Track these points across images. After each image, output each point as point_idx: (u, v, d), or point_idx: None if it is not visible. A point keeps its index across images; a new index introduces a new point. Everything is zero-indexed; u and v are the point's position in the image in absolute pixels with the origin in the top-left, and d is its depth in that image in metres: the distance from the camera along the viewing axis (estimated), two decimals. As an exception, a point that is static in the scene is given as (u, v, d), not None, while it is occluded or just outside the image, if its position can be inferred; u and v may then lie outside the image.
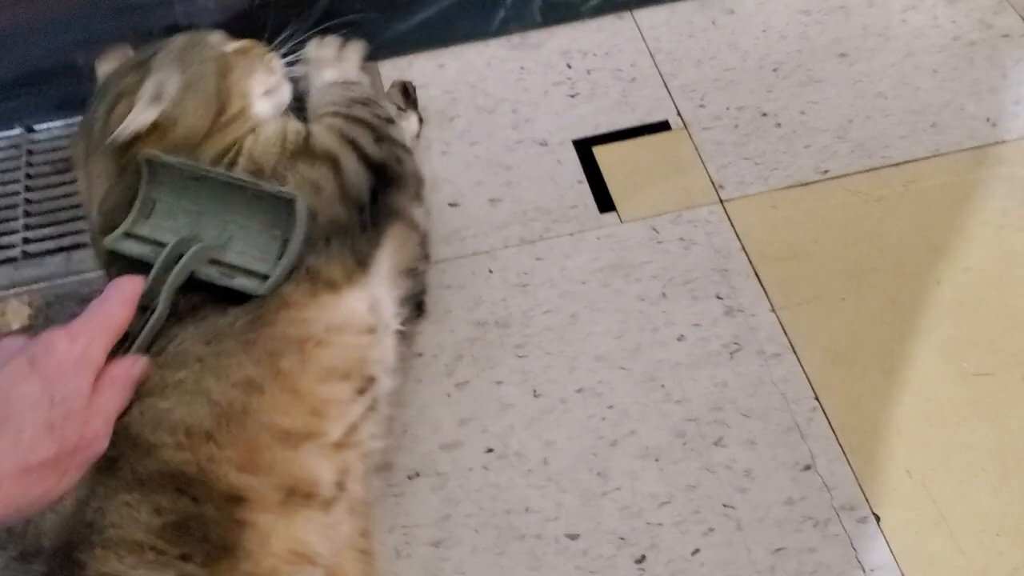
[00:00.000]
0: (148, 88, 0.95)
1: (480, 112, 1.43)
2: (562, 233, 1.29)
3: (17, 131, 1.41)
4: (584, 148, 1.38)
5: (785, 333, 1.18)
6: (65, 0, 1.30)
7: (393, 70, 1.49)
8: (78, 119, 1.40)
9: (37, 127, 1.42)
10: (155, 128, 0.95)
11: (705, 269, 1.24)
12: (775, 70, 1.46)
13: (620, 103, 1.43)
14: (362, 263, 0.95)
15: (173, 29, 1.36)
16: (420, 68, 1.49)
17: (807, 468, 1.07)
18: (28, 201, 1.34)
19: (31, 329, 1.23)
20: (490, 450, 1.10)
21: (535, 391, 1.15)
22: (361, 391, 0.90)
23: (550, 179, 1.35)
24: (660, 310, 1.21)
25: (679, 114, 1.41)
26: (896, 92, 1.42)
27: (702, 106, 1.42)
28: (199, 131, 0.97)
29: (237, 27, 1.37)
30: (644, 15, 1.54)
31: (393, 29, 1.44)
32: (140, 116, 0.94)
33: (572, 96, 1.45)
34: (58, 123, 1.42)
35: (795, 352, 1.16)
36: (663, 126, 1.40)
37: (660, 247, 1.27)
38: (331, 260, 0.92)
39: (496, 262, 1.27)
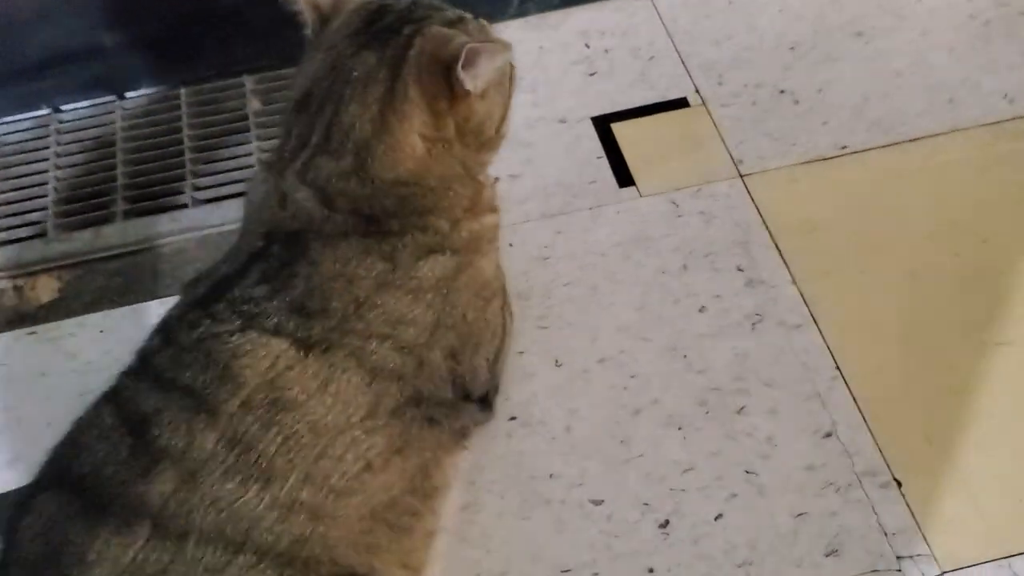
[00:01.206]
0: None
1: (500, 91, 1.44)
2: (582, 207, 1.30)
3: (45, 111, 1.43)
4: (603, 125, 1.39)
5: (806, 304, 1.19)
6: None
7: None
8: (105, 99, 1.44)
9: (64, 107, 1.44)
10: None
11: (726, 242, 1.25)
12: (792, 49, 1.47)
13: (638, 81, 1.44)
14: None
15: (198, 8, 1.38)
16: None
17: (828, 435, 1.08)
18: (57, 179, 1.36)
19: (61, 302, 1.25)
20: (513, 418, 1.11)
21: (557, 361, 1.16)
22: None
23: (569, 155, 1.36)
24: (681, 282, 1.22)
25: (697, 91, 1.42)
26: (913, 69, 1.43)
27: (720, 83, 1.43)
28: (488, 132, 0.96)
29: (261, 9, 1.39)
30: (662, -5, 1.56)
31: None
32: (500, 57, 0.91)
33: (591, 75, 1.46)
34: (85, 103, 1.44)
35: (816, 323, 1.17)
36: (681, 103, 1.41)
37: (680, 220, 1.28)
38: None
39: (517, 236, 1.28)
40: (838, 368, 1.13)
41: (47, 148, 1.39)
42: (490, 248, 0.97)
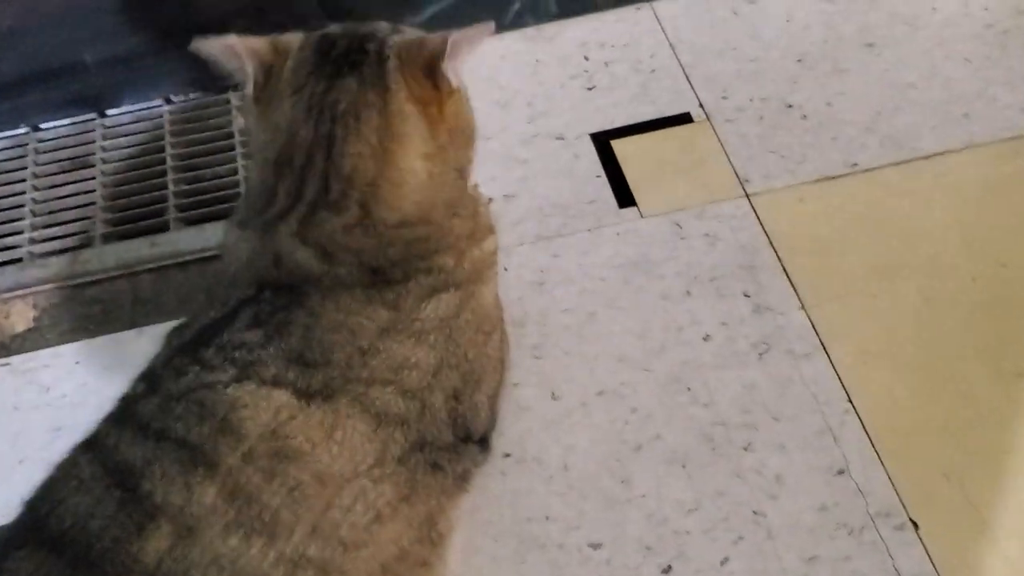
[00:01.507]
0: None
1: (495, 106, 1.39)
2: (580, 229, 1.25)
3: (23, 130, 1.38)
4: (602, 142, 1.34)
5: (816, 332, 1.13)
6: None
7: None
8: (85, 117, 1.38)
9: (43, 125, 1.39)
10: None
11: (731, 266, 1.19)
12: (799, 60, 1.41)
13: (639, 95, 1.39)
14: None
15: (180, 23, 1.33)
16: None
17: (840, 472, 1.02)
18: (34, 201, 1.31)
19: (36, 331, 1.20)
20: (508, 455, 1.06)
21: (553, 393, 1.10)
22: None
23: (567, 174, 1.31)
24: (684, 308, 1.16)
25: (701, 106, 1.37)
26: (926, 82, 1.37)
27: (725, 97, 1.37)
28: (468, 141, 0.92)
29: (243, 23, 1.34)
30: (663, 5, 1.50)
31: (405, 23, 1.39)
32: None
33: (589, 89, 1.41)
34: (65, 121, 1.39)
35: (826, 352, 1.11)
36: (684, 118, 1.35)
37: (683, 243, 1.22)
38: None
39: (511, 259, 1.22)
40: (850, 400, 1.07)
41: (24, 168, 1.34)
42: (491, 275, 0.93)
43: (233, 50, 0.83)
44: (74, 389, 1.13)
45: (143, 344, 1.16)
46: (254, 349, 0.78)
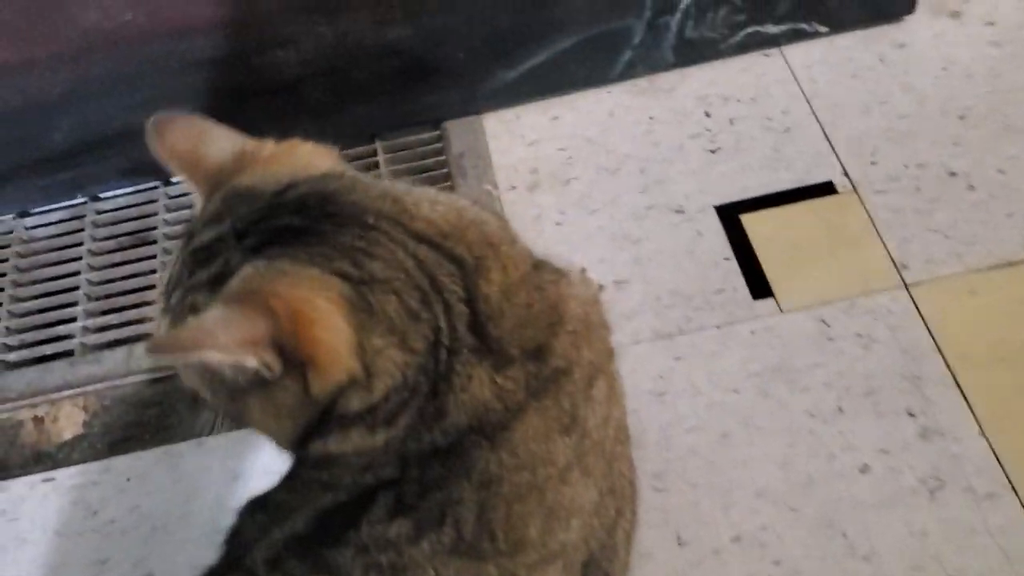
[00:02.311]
0: None
1: (601, 172, 1.21)
2: (706, 325, 1.06)
3: (81, 200, 1.26)
4: (730, 216, 1.15)
5: (1000, 465, 0.92)
6: (130, 56, 1.12)
7: (498, 124, 1.28)
8: (148, 185, 1.25)
9: (103, 195, 1.26)
10: None
11: (890, 375, 0.99)
12: (962, 117, 1.20)
13: (772, 160, 1.19)
14: None
15: (245, 87, 1.19)
16: (530, 121, 1.28)
17: (1045, 657, 0.81)
18: (90, 283, 1.18)
19: (85, 439, 1.06)
20: (625, 615, 0.87)
21: (679, 537, 0.92)
22: None
23: (689, 255, 1.12)
24: (836, 430, 0.97)
25: (845, 173, 1.17)
26: (1120, 143, 1.14)
27: (873, 163, 1.17)
28: None
29: (321, 85, 1.20)
30: (796, 52, 1.30)
31: (498, 78, 1.24)
32: None
33: (712, 151, 1.22)
34: (124, 190, 1.26)
35: (1016, 491, 0.90)
36: (826, 188, 1.16)
37: (831, 345, 1.02)
38: None
39: (625, 362, 1.03)
40: (1052, 559, 0.86)
41: (80, 244, 1.21)
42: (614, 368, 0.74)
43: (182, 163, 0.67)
44: (124, 513, 0.99)
45: (203, 458, 1.02)
46: (403, 548, 0.60)
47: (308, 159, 0.66)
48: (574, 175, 1.22)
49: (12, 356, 1.12)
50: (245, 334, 0.56)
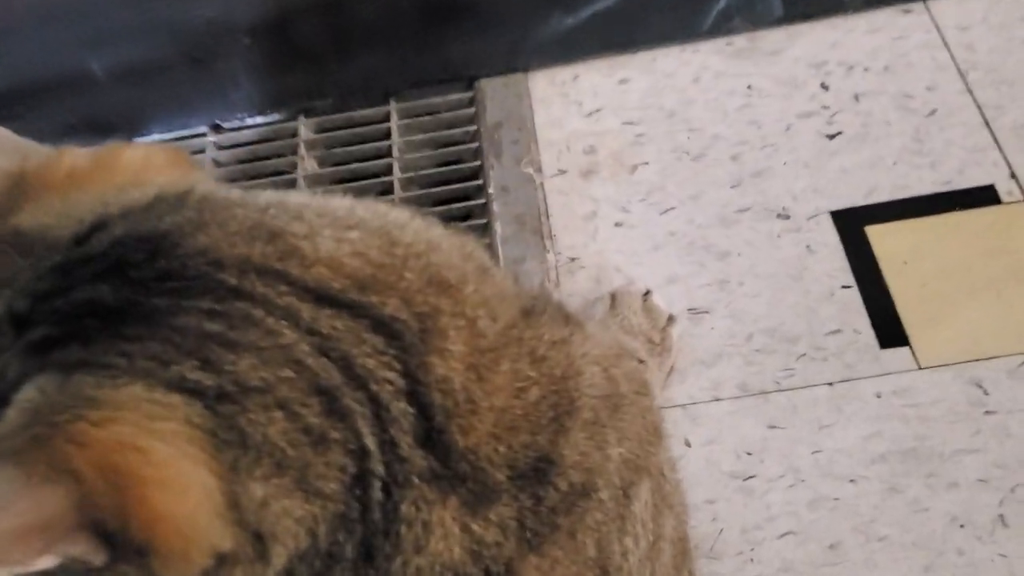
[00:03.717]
0: None
1: (681, 158, 0.93)
2: (815, 381, 0.78)
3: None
4: (851, 227, 0.87)
5: None
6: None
7: (549, 86, 0.99)
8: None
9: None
10: None
11: (1080, 473, 0.70)
12: None
13: (911, 152, 0.90)
14: None
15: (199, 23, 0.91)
16: (590, 84, 1.00)
17: None
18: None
19: None
20: None
21: None
22: None
23: (794, 280, 0.84)
24: (995, 551, 0.69)
25: (1013, 176, 0.87)
26: None
27: (1055, 164, 0.86)
28: None
29: (319, 23, 0.92)
30: (947, 7, 0.99)
31: (552, 24, 0.98)
32: None
33: (830, 137, 0.92)
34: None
35: None
36: (986, 195, 0.88)
37: (990, 421, 0.74)
38: None
39: (698, 426, 0.77)
40: None
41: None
42: None
43: None
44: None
45: None
46: None
47: (136, 174, 0.41)
48: (644, 159, 0.93)
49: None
50: (29, 518, 0.34)
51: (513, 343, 0.42)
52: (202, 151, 1.00)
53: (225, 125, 1.01)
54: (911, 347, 0.78)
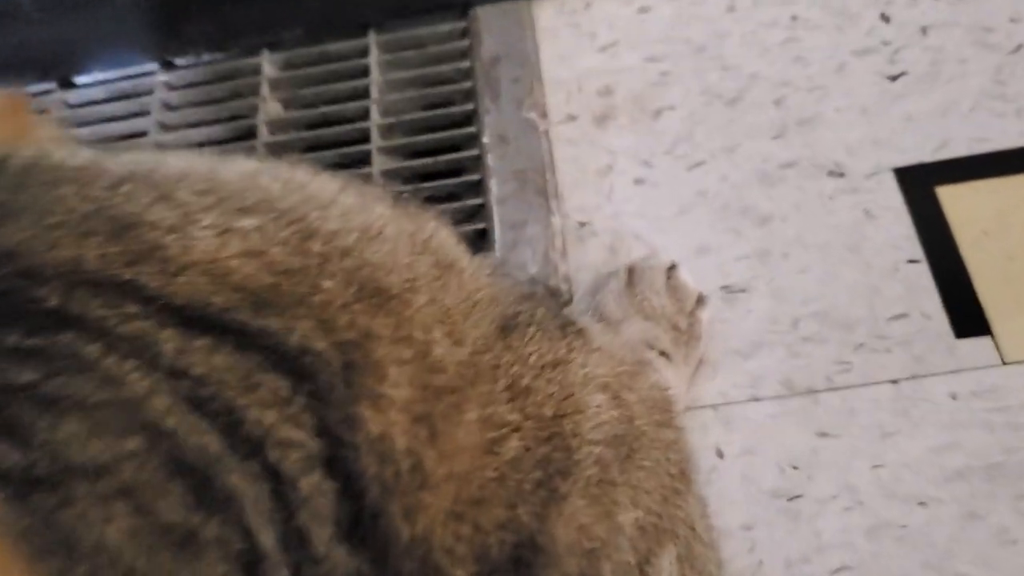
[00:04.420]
0: None
1: (713, 102, 0.78)
2: (876, 378, 0.64)
3: None
4: (920, 187, 0.72)
5: None
6: None
7: (556, 15, 0.84)
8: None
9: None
10: None
11: None
12: None
13: (993, 97, 0.75)
14: None
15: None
16: (606, 12, 0.84)
17: None
18: None
19: None
20: None
21: None
22: None
23: (850, 251, 0.69)
24: (1104, 597, 0.55)
25: (1119, 127, 0.71)
26: None
27: None
28: None
29: None
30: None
31: None
32: None
33: (892, 78, 0.77)
34: None
35: None
36: (1085, 151, 0.71)
37: (1096, 435, 0.60)
38: None
39: (732, 432, 0.64)
40: None
41: None
42: None
43: None
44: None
45: None
46: None
47: None
48: (669, 103, 0.79)
49: None
50: None
51: (485, 376, 0.29)
52: (151, 92, 0.86)
53: (177, 62, 0.86)
54: (993, 337, 0.64)
